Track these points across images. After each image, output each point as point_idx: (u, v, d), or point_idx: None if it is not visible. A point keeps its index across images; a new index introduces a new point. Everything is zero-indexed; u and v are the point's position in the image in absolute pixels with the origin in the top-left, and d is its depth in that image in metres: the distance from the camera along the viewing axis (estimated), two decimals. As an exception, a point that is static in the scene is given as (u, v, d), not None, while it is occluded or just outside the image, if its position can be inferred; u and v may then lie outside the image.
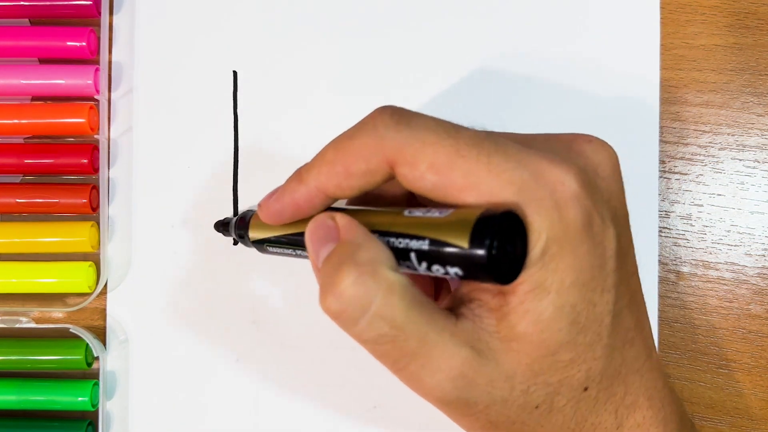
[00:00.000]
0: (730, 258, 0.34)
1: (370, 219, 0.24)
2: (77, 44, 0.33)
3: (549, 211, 0.21)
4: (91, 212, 0.34)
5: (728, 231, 0.34)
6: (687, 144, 0.35)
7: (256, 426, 0.34)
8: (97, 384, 0.34)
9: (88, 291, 0.34)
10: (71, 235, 0.34)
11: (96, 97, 0.34)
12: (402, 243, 0.22)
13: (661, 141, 0.34)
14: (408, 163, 0.22)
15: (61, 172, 0.34)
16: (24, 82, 0.34)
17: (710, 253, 0.34)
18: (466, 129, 0.22)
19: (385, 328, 0.21)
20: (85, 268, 0.34)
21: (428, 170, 0.22)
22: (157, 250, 0.35)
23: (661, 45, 0.34)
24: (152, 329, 0.34)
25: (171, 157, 0.35)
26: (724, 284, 0.34)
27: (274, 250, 0.28)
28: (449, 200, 0.22)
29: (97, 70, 0.34)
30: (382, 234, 0.23)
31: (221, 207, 0.35)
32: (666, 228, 0.34)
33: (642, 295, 0.26)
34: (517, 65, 0.34)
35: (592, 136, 0.25)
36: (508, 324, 0.22)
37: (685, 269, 0.34)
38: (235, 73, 0.35)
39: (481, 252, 0.20)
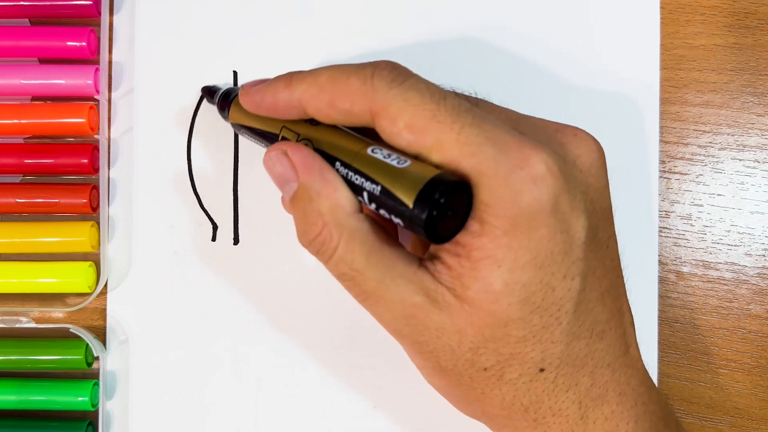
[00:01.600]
0: (730, 258, 0.34)
1: (336, 144, 0.25)
2: (77, 44, 0.33)
3: (502, 188, 0.22)
4: (91, 212, 0.34)
5: (728, 231, 0.34)
6: (687, 144, 0.35)
7: (256, 426, 0.34)
8: (97, 384, 0.34)
9: (88, 291, 0.34)
10: (71, 235, 0.34)
11: (96, 97, 0.34)
12: (358, 180, 0.24)
13: (661, 141, 0.34)
14: (388, 118, 0.23)
15: (61, 172, 0.34)
16: (24, 82, 0.34)
17: (710, 253, 0.34)
18: (454, 97, 0.24)
19: (345, 269, 0.24)
20: (85, 268, 0.34)
21: (405, 129, 0.23)
22: (157, 250, 0.35)
23: (661, 45, 0.34)
24: (152, 329, 0.34)
25: (171, 157, 0.35)
26: (724, 284, 0.34)
27: (248, 137, 0.29)
28: (420, 157, 0.23)
29: (97, 70, 0.34)
30: (343, 165, 0.25)
31: (221, 207, 0.35)
32: (666, 228, 0.34)
33: (624, 292, 0.26)
34: (517, 65, 0.34)
35: (579, 129, 0.25)
36: (462, 285, 0.23)
37: (685, 269, 0.34)
38: (235, 73, 0.35)
39: (422, 216, 0.22)
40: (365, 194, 0.24)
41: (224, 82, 0.35)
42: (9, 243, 0.34)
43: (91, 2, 0.34)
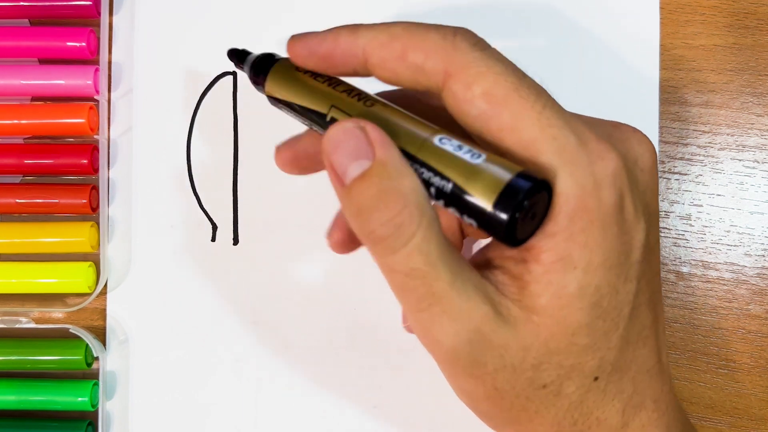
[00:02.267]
0: (729, 258, 0.34)
1: (398, 129, 0.22)
2: (77, 44, 0.33)
3: (584, 180, 0.20)
4: (91, 212, 0.34)
5: (728, 231, 0.34)
6: (687, 144, 0.35)
7: (256, 426, 0.34)
8: (96, 384, 0.34)
9: (88, 291, 0.34)
10: (71, 235, 0.34)
11: (96, 97, 0.34)
12: (425, 174, 0.21)
13: (661, 141, 0.34)
14: (465, 81, 0.21)
15: (61, 173, 0.34)
16: (24, 82, 0.34)
17: (710, 253, 0.34)
18: (531, 79, 0.22)
19: (420, 262, 0.20)
20: (85, 268, 0.34)
21: (481, 96, 0.21)
22: (157, 250, 0.35)
23: (661, 45, 0.34)
24: (152, 329, 0.34)
25: (171, 157, 0.35)
26: (724, 284, 0.34)
27: (287, 113, 0.25)
28: (485, 136, 0.21)
29: (97, 70, 0.34)
30: (408, 156, 0.21)
31: (221, 207, 0.35)
32: (666, 228, 0.34)
33: (661, 298, 0.25)
34: (517, 64, 0.34)
35: (635, 128, 0.24)
36: (530, 293, 0.21)
37: (684, 269, 0.34)
38: (235, 73, 0.35)
39: (503, 217, 0.20)
40: (432, 189, 0.21)
41: (223, 87, 0.35)
42: (9, 243, 0.34)
43: (91, 2, 0.34)
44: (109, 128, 0.35)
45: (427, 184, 0.21)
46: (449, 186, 0.21)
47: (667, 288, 0.34)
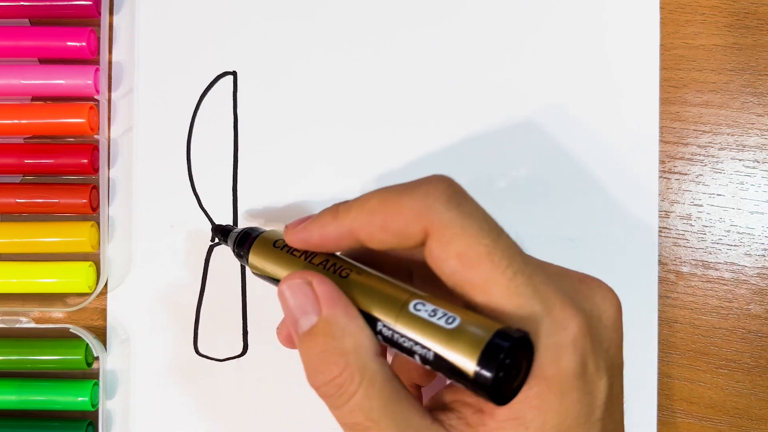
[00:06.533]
0: (729, 258, 0.34)
1: (372, 300, 0.23)
2: (77, 44, 0.33)
3: (544, 350, 0.21)
4: (91, 212, 0.34)
5: (728, 231, 0.34)
6: (687, 144, 0.35)
7: (256, 426, 0.34)
8: (97, 384, 0.34)
9: (88, 291, 0.34)
10: (71, 235, 0.34)
11: (96, 97, 0.34)
12: (407, 344, 0.22)
13: (661, 141, 0.34)
14: (441, 241, 0.22)
15: (61, 172, 0.34)
16: (24, 82, 0.34)
17: (710, 253, 0.34)
18: (507, 237, 0.23)
19: (360, 418, 0.22)
20: (85, 268, 0.34)
21: (456, 257, 0.22)
22: (157, 250, 0.35)
23: (661, 45, 0.34)
24: (152, 329, 0.34)
25: (171, 157, 0.35)
26: (724, 284, 0.34)
27: (269, 282, 0.27)
28: (459, 290, 0.22)
29: (97, 70, 0.34)
30: (387, 328, 0.22)
31: (221, 207, 0.35)
32: (666, 228, 0.34)
33: None
34: (517, 65, 0.34)
35: (600, 281, 0.25)
36: None
37: (685, 269, 0.34)
38: (235, 73, 0.35)
39: (488, 375, 0.20)
40: (417, 357, 0.22)
41: (223, 87, 0.35)
42: (9, 243, 0.34)
43: (91, 2, 0.34)
44: (109, 128, 0.35)
45: (410, 352, 0.22)
46: (431, 354, 0.21)
47: (667, 288, 0.34)
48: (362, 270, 0.24)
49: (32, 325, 0.34)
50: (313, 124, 0.35)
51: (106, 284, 0.34)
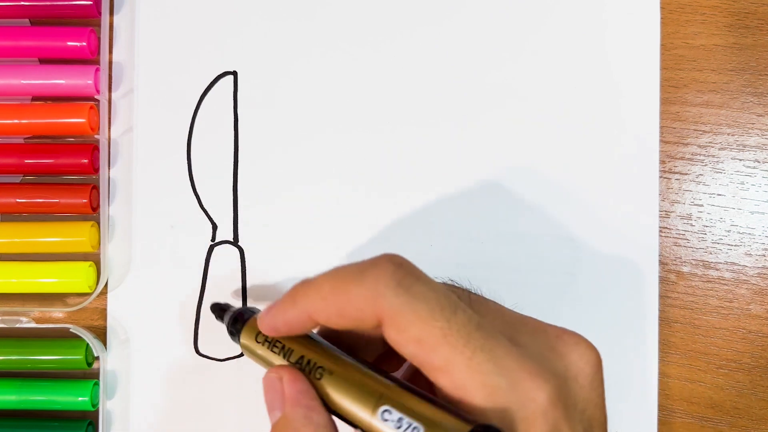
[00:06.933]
0: (730, 258, 0.34)
1: (344, 403, 0.24)
2: (77, 44, 0.33)
3: (511, 426, 0.21)
4: (91, 212, 0.34)
5: (728, 231, 0.34)
6: (687, 144, 0.35)
7: (257, 426, 0.34)
8: (97, 384, 0.34)
9: (89, 291, 0.34)
10: (71, 235, 0.34)
11: (96, 97, 0.34)
12: None
13: (661, 141, 0.34)
14: (396, 327, 0.22)
15: (62, 172, 0.34)
16: (24, 82, 0.34)
17: (710, 253, 0.34)
18: (463, 311, 0.22)
19: None
20: (85, 268, 0.34)
21: (412, 342, 0.22)
22: (157, 250, 0.35)
23: (661, 45, 0.34)
24: (153, 329, 0.34)
25: (171, 157, 0.35)
26: (724, 284, 0.34)
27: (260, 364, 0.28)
28: (424, 371, 0.22)
29: (97, 70, 0.34)
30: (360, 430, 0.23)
31: (221, 207, 0.35)
32: (666, 228, 0.34)
33: None
34: (517, 65, 0.34)
35: (579, 337, 0.24)
36: None
37: (685, 269, 0.34)
38: (235, 73, 0.35)
39: None
40: None
41: (223, 87, 0.35)
42: (9, 243, 0.34)
43: (91, 2, 0.34)
44: (109, 128, 0.35)
45: None
46: None
47: (668, 288, 0.34)
48: (333, 368, 0.24)
49: (32, 325, 0.34)
50: (313, 124, 0.35)
51: (106, 284, 0.34)
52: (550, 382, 0.22)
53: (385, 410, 0.22)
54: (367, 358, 0.25)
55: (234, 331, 0.28)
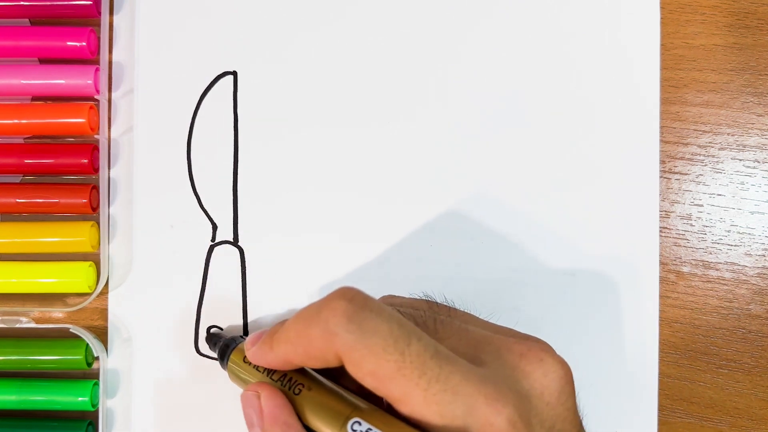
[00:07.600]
0: (730, 258, 0.34)
1: (318, 417, 0.24)
2: (77, 44, 0.33)
3: None
4: (92, 212, 0.34)
5: (728, 231, 0.34)
6: (687, 144, 0.35)
7: (257, 426, 0.34)
8: (97, 384, 0.34)
9: (89, 291, 0.34)
10: (71, 235, 0.34)
11: (96, 97, 0.34)
12: None
13: (661, 141, 0.34)
14: (352, 363, 0.22)
15: (61, 172, 0.34)
16: (24, 82, 0.34)
17: (710, 253, 0.34)
18: (418, 340, 0.22)
19: None
20: (86, 268, 0.34)
21: (368, 376, 0.22)
22: (157, 250, 0.35)
23: (661, 45, 0.34)
24: (153, 329, 0.34)
25: (171, 157, 0.35)
26: (724, 284, 0.34)
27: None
28: (387, 400, 0.23)
29: (97, 70, 0.34)
30: None
31: (221, 207, 0.35)
32: (666, 228, 0.34)
33: None
34: (517, 65, 0.34)
35: (545, 353, 0.24)
36: None
37: (685, 269, 0.34)
38: (235, 73, 0.35)
39: None
40: None
41: (223, 87, 0.35)
42: (9, 243, 0.34)
43: (91, 2, 0.34)
44: (109, 128, 0.35)
45: None
46: None
47: (668, 288, 0.34)
48: (312, 386, 0.25)
49: (32, 325, 0.34)
50: (313, 123, 0.35)
51: (106, 284, 0.34)
52: (510, 405, 0.22)
53: (354, 423, 0.23)
54: (352, 386, 0.25)
55: (223, 357, 0.30)
